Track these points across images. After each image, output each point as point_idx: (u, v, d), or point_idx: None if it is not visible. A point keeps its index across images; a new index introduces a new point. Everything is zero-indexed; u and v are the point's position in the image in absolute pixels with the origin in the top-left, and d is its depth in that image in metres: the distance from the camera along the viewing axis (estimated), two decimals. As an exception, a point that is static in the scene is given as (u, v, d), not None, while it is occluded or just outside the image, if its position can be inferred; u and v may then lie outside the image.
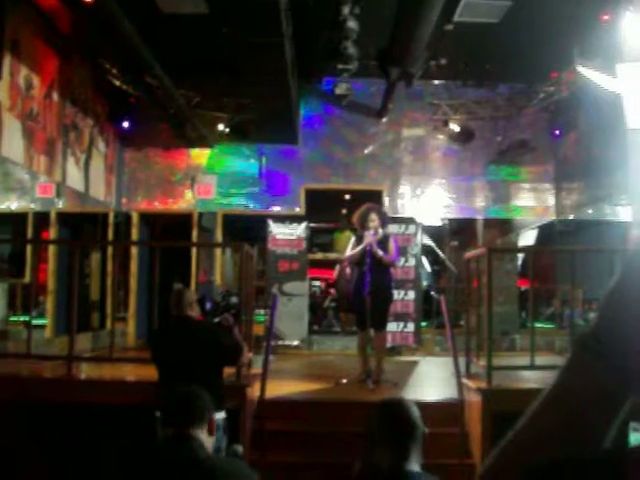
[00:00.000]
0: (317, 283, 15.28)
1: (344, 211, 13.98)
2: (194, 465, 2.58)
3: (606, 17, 8.42)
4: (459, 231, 13.82)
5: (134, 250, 10.54)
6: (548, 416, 1.00)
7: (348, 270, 8.16)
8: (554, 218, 12.41)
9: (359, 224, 7.90)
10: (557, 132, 12.15)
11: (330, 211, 14.12)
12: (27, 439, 5.87)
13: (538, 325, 11.12)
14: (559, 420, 0.98)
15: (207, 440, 2.78)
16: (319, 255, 12.36)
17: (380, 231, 7.78)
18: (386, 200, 12.19)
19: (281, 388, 7.14)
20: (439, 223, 12.75)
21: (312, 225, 12.20)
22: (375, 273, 7.59)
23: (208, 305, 10.32)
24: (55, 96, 9.40)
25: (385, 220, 8.10)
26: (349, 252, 7.95)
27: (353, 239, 8.03)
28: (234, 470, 2.65)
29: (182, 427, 2.70)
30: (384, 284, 7.75)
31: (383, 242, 7.75)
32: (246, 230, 13.02)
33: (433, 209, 12.36)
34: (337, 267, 8.20)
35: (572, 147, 11.99)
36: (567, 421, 0.97)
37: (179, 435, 2.68)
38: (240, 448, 3.74)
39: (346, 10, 8.12)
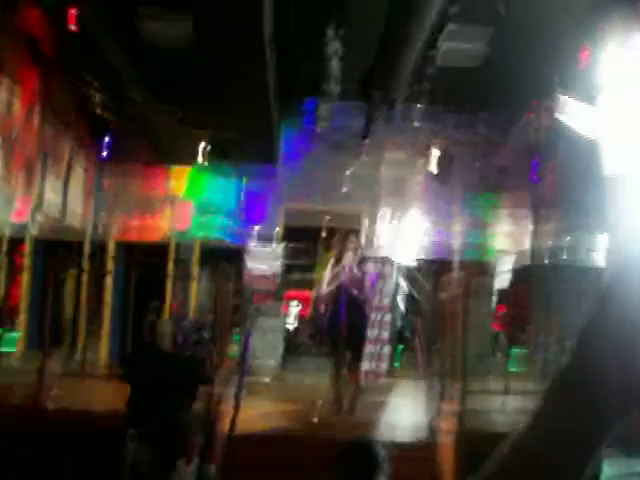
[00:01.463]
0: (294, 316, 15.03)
1: (323, 233, 13.94)
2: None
3: (587, 52, 8.48)
4: (435, 272, 13.67)
5: (109, 280, 10.42)
6: (518, 456, 0.97)
7: (323, 307, 8.11)
8: (530, 252, 12.24)
9: (337, 246, 7.93)
10: (536, 159, 12.17)
11: (309, 232, 14.07)
12: None
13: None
14: (528, 460, 0.95)
15: (186, 469, 2.75)
16: (297, 276, 12.28)
17: (358, 253, 7.79)
18: (365, 222, 12.17)
19: (252, 422, 7.09)
20: (414, 263, 12.61)
21: (291, 245, 12.14)
22: (352, 303, 7.60)
23: (180, 338, 10.21)
24: (35, 118, 9.30)
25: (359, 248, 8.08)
26: (326, 284, 7.92)
27: (332, 260, 8.01)
28: None
29: (164, 459, 2.66)
30: (359, 318, 7.75)
31: (360, 279, 7.77)
32: (223, 260, 12.90)
33: (410, 241, 12.27)
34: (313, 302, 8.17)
35: (551, 175, 12.00)
36: (537, 462, 0.95)
37: (160, 467, 2.64)
38: (212, 467, 3.73)
39: (331, 32, 8.13)
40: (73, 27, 6.94)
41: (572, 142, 10.80)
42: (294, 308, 14.87)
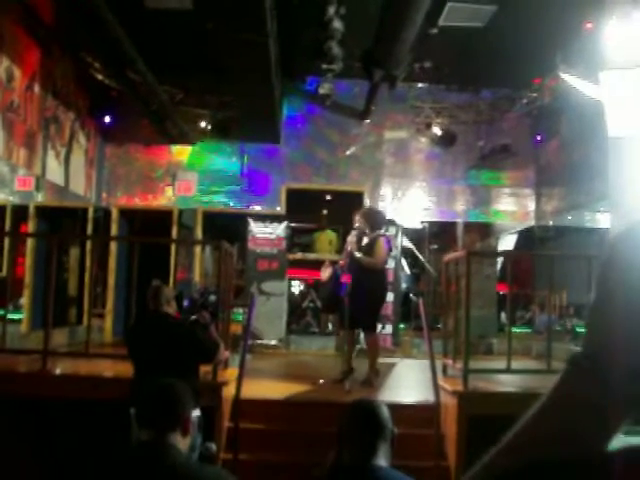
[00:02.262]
0: (297, 283, 15.25)
1: (325, 212, 13.97)
2: (170, 474, 2.50)
3: (589, 25, 8.46)
4: (439, 234, 13.84)
5: (113, 246, 10.47)
6: (542, 424, 1.00)
7: (327, 273, 8.13)
8: (534, 224, 12.47)
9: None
10: (539, 138, 12.20)
11: (311, 211, 14.09)
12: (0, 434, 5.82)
13: (516, 330, 11.16)
14: (552, 428, 0.98)
15: (182, 441, 2.71)
16: (299, 255, 12.30)
17: (366, 237, 7.83)
18: (367, 201, 12.20)
19: (257, 387, 7.13)
20: (419, 226, 12.76)
21: (292, 225, 12.18)
22: (355, 275, 7.61)
23: (185, 302, 10.23)
24: (36, 89, 9.32)
25: (376, 223, 8.06)
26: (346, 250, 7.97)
27: (353, 234, 8.04)
28: (214, 477, 2.57)
29: (157, 432, 2.62)
30: (364, 285, 7.74)
31: (371, 244, 7.78)
32: (226, 228, 12.97)
33: (414, 212, 12.38)
34: (330, 268, 8.16)
35: (553, 153, 12.05)
36: (560, 429, 0.97)
37: (154, 441, 2.60)
38: (213, 446, 3.71)
39: (331, 10, 8.11)
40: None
41: (575, 117, 10.83)
42: (296, 287, 15.02)
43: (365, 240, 7.81)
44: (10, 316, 7.48)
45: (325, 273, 8.09)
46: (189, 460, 3.01)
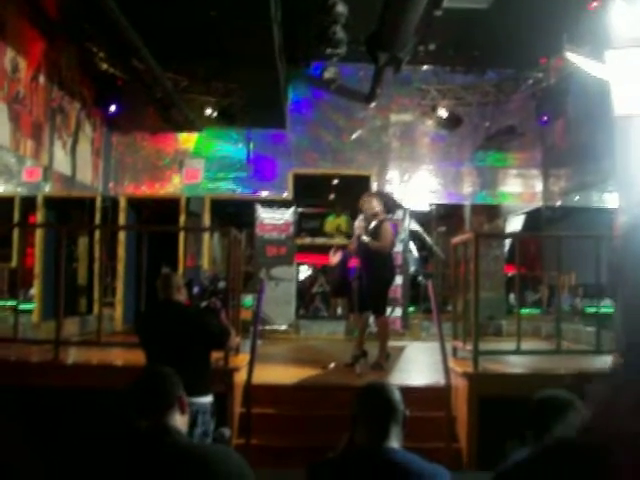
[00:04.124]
0: (306, 268, 15.30)
1: (332, 196, 13.98)
2: (175, 455, 2.51)
3: (595, 4, 8.42)
4: (446, 217, 13.84)
5: (122, 235, 10.52)
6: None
7: (336, 258, 8.20)
8: (541, 204, 12.45)
9: (360, 208, 8.04)
10: (545, 118, 12.15)
11: (318, 196, 14.11)
12: (13, 423, 5.86)
13: (525, 311, 11.17)
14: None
15: (181, 420, 2.72)
16: (307, 240, 12.33)
17: (374, 220, 7.87)
18: (374, 185, 12.20)
19: (269, 373, 7.18)
20: (427, 208, 12.76)
21: (300, 210, 12.19)
22: (364, 259, 7.67)
23: (196, 289, 10.31)
24: (42, 79, 9.33)
25: (390, 205, 8.15)
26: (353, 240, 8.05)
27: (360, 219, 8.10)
28: (220, 458, 2.57)
29: (155, 417, 2.63)
30: (373, 269, 7.79)
31: (377, 228, 7.81)
32: (234, 215, 13.01)
33: (421, 194, 12.37)
34: (339, 253, 8.24)
35: (560, 134, 12.02)
36: None
37: (154, 427, 2.62)
38: (227, 431, 3.74)
39: (335, -6, 8.09)
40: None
41: (581, 97, 10.78)
42: (304, 272, 15.06)
43: (373, 224, 7.83)
44: (21, 307, 7.52)
45: (334, 258, 8.14)
46: (191, 441, 3.03)
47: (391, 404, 2.89)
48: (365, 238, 7.67)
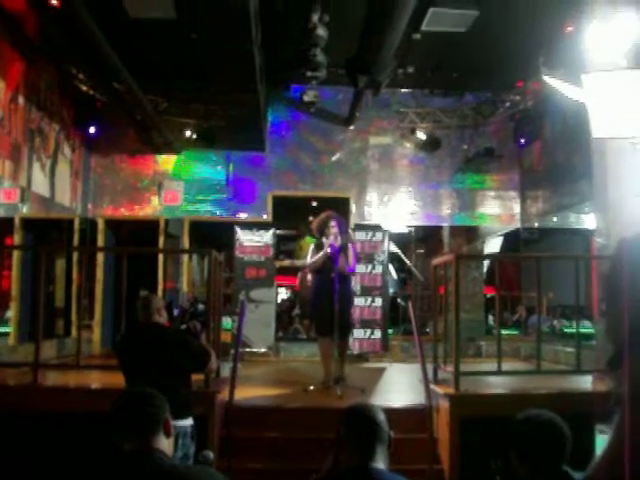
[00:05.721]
0: (285, 290, 15.31)
1: (311, 218, 13.99)
2: (160, 478, 2.50)
3: (570, 28, 8.55)
4: (425, 238, 13.91)
5: (100, 257, 10.46)
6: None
7: (309, 277, 8.24)
8: (519, 226, 12.54)
9: (318, 231, 8.03)
10: (522, 141, 12.28)
11: (297, 218, 14.13)
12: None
13: (504, 332, 11.22)
14: None
15: (166, 443, 2.70)
16: (286, 262, 12.33)
17: (339, 238, 7.87)
18: (353, 207, 12.24)
19: (249, 395, 7.14)
20: (405, 230, 12.81)
21: (279, 232, 12.20)
22: (340, 281, 7.67)
23: (176, 312, 10.28)
24: (21, 100, 9.29)
25: (344, 228, 8.18)
26: (310, 259, 8.02)
27: (312, 247, 8.11)
28: (202, 477, 2.56)
29: (141, 440, 2.61)
30: (347, 291, 7.88)
31: (343, 250, 7.84)
32: (213, 237, 12.97)
33: (399, 216, 12.42)
34: (299, 275, 8.31)
35: (537, 156, 12.13)
36: None
37: (140, 450, 2.60)
38: (211, 454, 3.70)
39: (315, 18, 8.15)
40: (55, 1, 6.88)
41: (558, 120, 10.92)
42: (283, 295, 15.06)
43: (337, 244, 7.85)
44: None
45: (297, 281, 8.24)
46: (176, 463, 3.00)
47: (376, 424, 2.89)
48: (342, 261, 7.72)
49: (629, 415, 1.10)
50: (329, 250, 7.76)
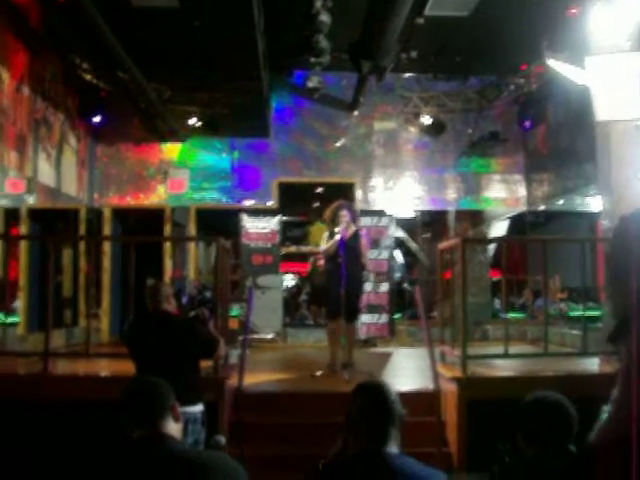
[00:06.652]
0: (291, 276, 15.34)
1: (316, 204, 14.01)
2: (172, 463, 2.52)
3: (574, 11, 8.52)
4: (431, 223, 13.92)
5: (107, 246, 10.49)
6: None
7: (321, 262, 8.36)
8: (525, 209, 12.54)
9: (330, 220, 8.12)
10: (527, 124, 12.24)
11: (302, 204, 14.15)
12: (2, 436, 5.84)
13: (510, 315, 11.24)
14: None
15: (175, 428, 2.73)
16: (292, 248, 12.37)
17: (353, 227, 8.03)
18: (358, 193, 12.25)
19: (258, 381, 7.19)
20: (411, 215, 12.82)
21: (285, 218, 12.22)
22: (350, 266, 7.73)
23: (184, 299, 10.32)
24: (25, 91, 9.31)
25: (355, 217, 8.30)
26: (324, 246, 8.10)
27: (326, 234, 8.19)
28: (216, 463, 2.58)
29: (150, 426, 2.64)
30: (358, 277, 7.97)
31: (354, 238, 7.94)
32: (219, 224, 13.01)
33: (405, 201, 12.42)
34: (311, 260, 8.38)
35: (542, 139, 12.11)
36: None
37: (149, 435, 2.63)
38: (222, 439, 3.73)
39: (318, 3, 8.13)
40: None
41: (562, 103, 10.89)
42: (290, 281, 15.09)
43: (349, 233, 7.98)
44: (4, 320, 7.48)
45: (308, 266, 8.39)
46: (186, 447, 3.03)
47: (390, 404, 2.76)
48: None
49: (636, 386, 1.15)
50: (338, 238, 7.86)
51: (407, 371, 8.83)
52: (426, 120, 11.98)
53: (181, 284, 11.31)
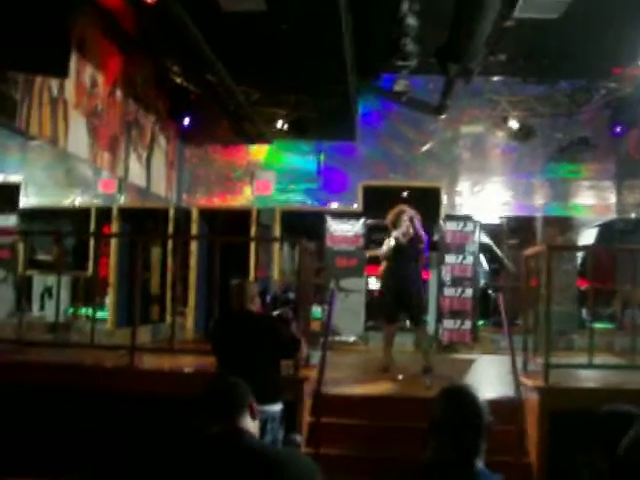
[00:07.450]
0: (375, 280, 15.33)
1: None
2: (248, 457, 2.57)
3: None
4: (517, 229, 13.67)
5: (194, 245, 10.71)
6: None
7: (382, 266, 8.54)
8: (615, 216, 12.21)
9: (392, 224, 8.22)
10: (619, 129, 11.92)
11: (387, 208, 14.08)
12: (90, 427, 6.03)
13: (598, 325, 10.95)
14: None
15: (252, 425, 2.78)
16: (377, 252, 12.34)
17: (411, 231, 8.28)
18: (444, 197, 12.16)
19: (338, 382, 7.21)
20: (497, 221, 12.64)
21: (369, 222, 12.21)
22: (404, 269, 8.14)
23: (268, 298, 10.46)
24: (118, 93, 9.59)
25: (416, 222, 8.38)
26: (384, 248, 8.27)
27: (390, 239, 8.31)
28: (291, 460, 2.63)
29: (228, 422, 2.69)
30: (414, 279, 8.20)
31: (411, 242, 8.09)
32: (304, 227, 13.10)
33: (491, 207, 12.26)
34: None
35: (634, 144, 11.77)
36: None
37: (227, 431, 2.68)
38: (298, 437, 3.77)
39: (405, 6, 8.12)
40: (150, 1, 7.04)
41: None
42: (374, 284, 15.06)
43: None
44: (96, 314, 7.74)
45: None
46: (263, 443, 3.07)
47: (479, 411, 2.52)
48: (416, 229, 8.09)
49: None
50: (392, 242, 8.15)
51: (488, 378, 8.71)
52: (514, 124, 11.80)
53: (265, 283, 11.44)
